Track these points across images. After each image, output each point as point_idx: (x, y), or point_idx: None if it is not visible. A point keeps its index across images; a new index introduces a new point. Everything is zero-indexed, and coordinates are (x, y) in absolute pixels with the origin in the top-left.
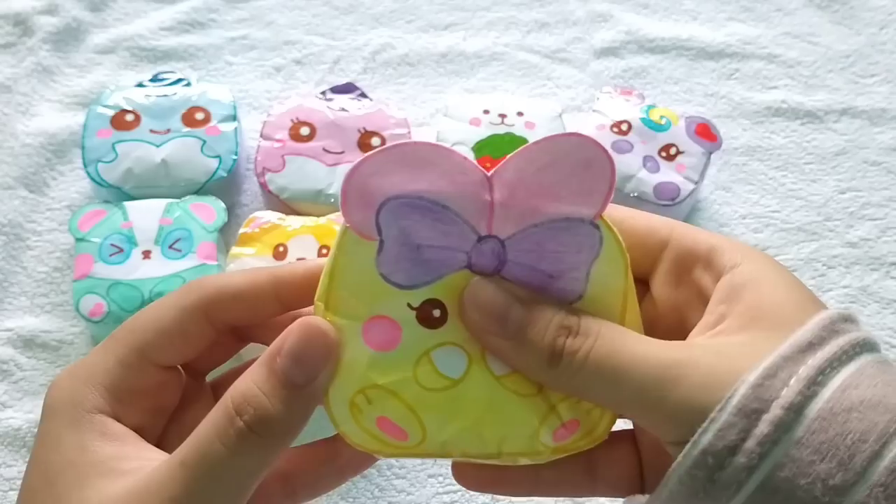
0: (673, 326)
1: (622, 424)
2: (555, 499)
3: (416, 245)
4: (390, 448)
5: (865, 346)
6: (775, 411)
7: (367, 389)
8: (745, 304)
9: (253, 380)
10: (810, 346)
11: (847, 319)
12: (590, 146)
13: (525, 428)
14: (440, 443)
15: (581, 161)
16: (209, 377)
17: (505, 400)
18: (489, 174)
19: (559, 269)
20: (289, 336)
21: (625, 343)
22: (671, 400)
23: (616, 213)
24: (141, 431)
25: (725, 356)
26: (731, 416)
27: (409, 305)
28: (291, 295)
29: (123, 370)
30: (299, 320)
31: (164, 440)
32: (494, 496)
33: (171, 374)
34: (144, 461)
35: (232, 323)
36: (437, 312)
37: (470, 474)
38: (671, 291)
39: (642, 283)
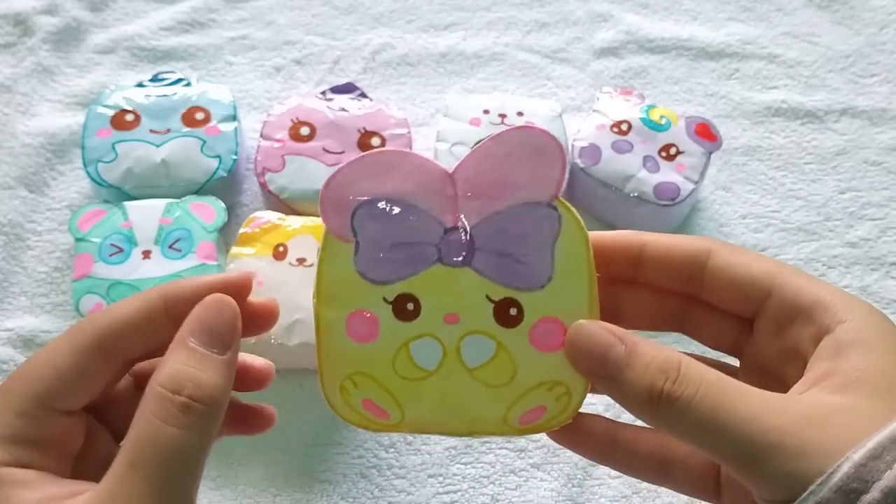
0: (772, 376)
1: None
2: None
3: (388, 244)
4: (375, 425)
5: None
6: (874, 493)
7: (353, 376)
8: (851, 364)
9: (178, 361)
10: None
11: None
12: (539, 135)
13: (494, 413)
14: (417, 422)
15: (533, 150)
16: None
17: (475, 390)
18: (450, 171)
19: (525, 253)
20: (193, 317)
21: (726, 397)
22: (771, 465)
23: (720, 259)
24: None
25: (827, 423)
26: (832, 492)
27: (384, 300)
28: (184, 313)
29: (25, 422)
30: (207, 298)
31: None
32: (494, 497)
33: (75, 417)
34: (76, 492)
35: (130, 355)
36: (410, 306)
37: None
38: (772, 342)
39: (746, 325)
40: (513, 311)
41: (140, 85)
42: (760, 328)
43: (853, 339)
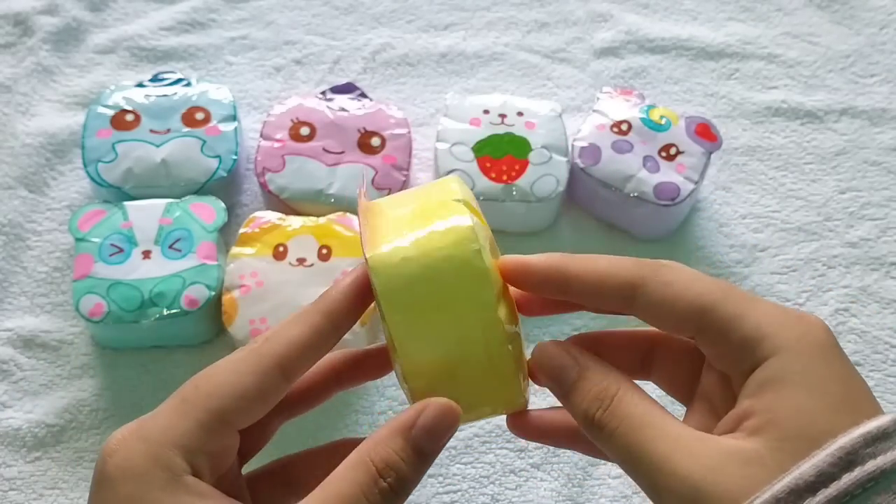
0: (709, 400)
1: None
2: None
3: None
4: None
5: (885, 479)
6: None
7: None
8: (765, 405)
9: (392, 448)
10: (809, 488)
11: (881, 437)
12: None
13: None
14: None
15: None
16: None
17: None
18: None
19: None
20: (424, 411)
21: (642, 435)
22: (667, 501)
23: (645, 297)
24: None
25: (728, 472)
26: None
27: None
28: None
29: (205, 434)
30: (433, 400)
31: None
32: (494, 497)
33: (237, 435)
34: None
35: (300, 377)
36: None
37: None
38: (710, 369)
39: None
40: None
41: (140, 85)
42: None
43: (773, 375)
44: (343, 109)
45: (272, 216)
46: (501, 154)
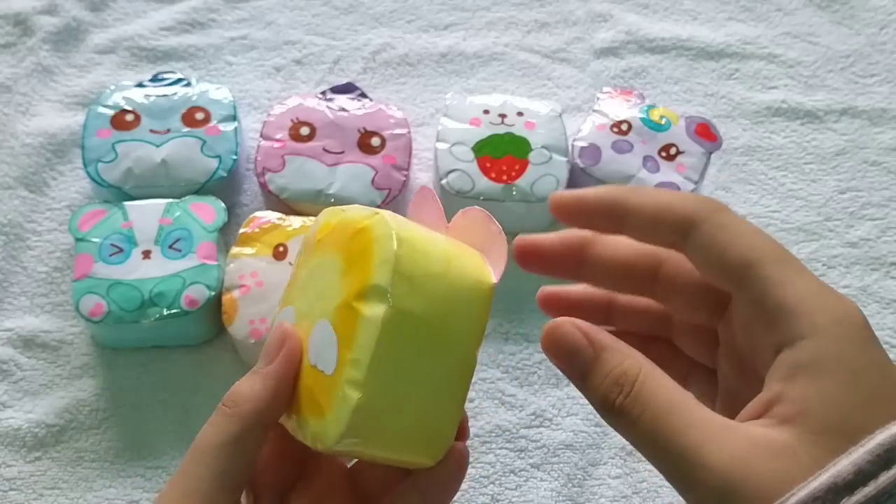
0: (746, 365)
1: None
2: None
3: None
4: None
5: None
6: None
7: None
8: (799, 392)
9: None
10: (847, 487)
11: None
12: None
13: None
14: None
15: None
16: None
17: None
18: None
19: None
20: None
21: (669, 423)
22: (696, 500)
23: (700, 236)
24: None
25: (759, 466)
26: None
27: None
28: None
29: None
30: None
31: None
32: (494, 497)
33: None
34: None
35: None
36: None
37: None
38: (741, 333)
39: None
40: None
41: (140, 85)
42: (732, 317)
43: (808, 360)
44: (343, 109)
45: (272, 216)
46: (501, 154)
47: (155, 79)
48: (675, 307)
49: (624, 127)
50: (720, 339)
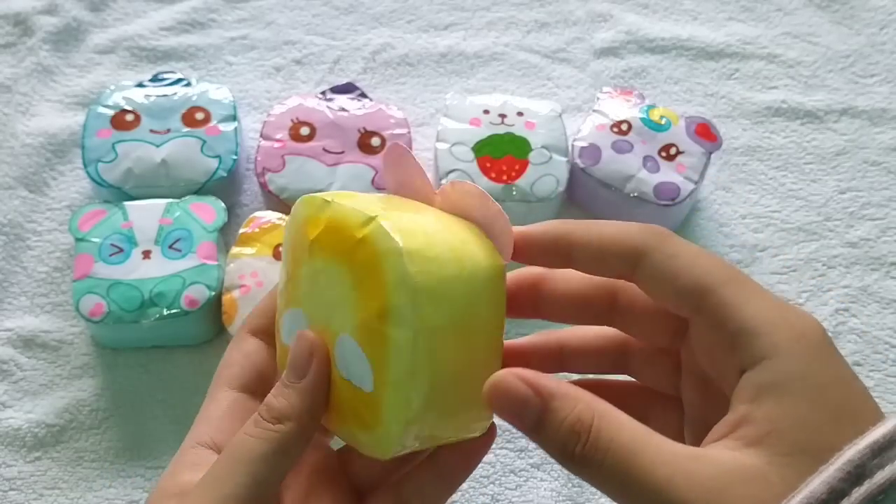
0: (710, 387)
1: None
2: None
3: None
4: None
5: (894, 490)
6: None
7: None
8: (765, 413)
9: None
10: None
11: (887, 446)
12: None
13: None
14: None
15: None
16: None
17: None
18: None
19: None
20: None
21: (635, 461)
22: None
23: (649, 266)
24: None
25: (729, 494)
26: None
27: None
28: None
29: None
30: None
31: None
32: (494, 497)
33: None
34: None
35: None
36: None
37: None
38: (703, 357)
39: (682, 324)
40: None
41: (140, 85)
42: (692, 341)
43: (772, 380)
44: (343, 109)
45: (272, 216)
46: (501, 154)
47: (155, 79)
48: (637, 333)
49: (624, 127)
50: (682, 364)
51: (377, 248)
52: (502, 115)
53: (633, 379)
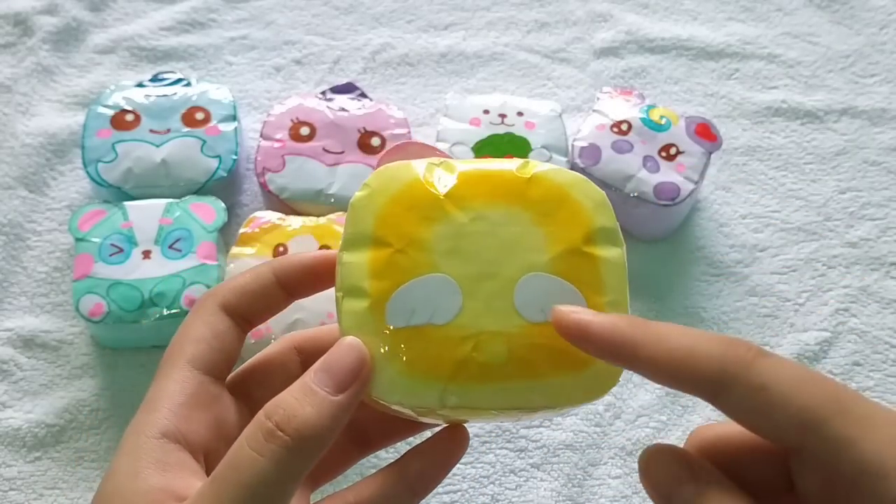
0: None
1: None
2: None
3: None
4: None
5: None
6: None
7: None
8: None
9: (289, 391)
10: None
11: None
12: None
13: None
14: None
15: None
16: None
17: None
18: None
19: None
20: (324, 355)
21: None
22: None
23: (735, 397)
24: (207, 456)
25: None
26: None
27: None
28: (292, 280)
29: (180, 387)
30: (337, 342)
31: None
32: (494, 497)
33: (225, 391)
34: (191, 493)
35: (248, 317)
36: None
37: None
38: (818, 497)
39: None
40: None
41: (140, 85)
42: (798, 468)
43: None
44: (343, 109)
45: (272, 216)
46: (501, 154)
47: (155, 79)
48: (751, 430)
49: (624, 127)
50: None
51: (556, 181)
52: (502, 115)
53: None
